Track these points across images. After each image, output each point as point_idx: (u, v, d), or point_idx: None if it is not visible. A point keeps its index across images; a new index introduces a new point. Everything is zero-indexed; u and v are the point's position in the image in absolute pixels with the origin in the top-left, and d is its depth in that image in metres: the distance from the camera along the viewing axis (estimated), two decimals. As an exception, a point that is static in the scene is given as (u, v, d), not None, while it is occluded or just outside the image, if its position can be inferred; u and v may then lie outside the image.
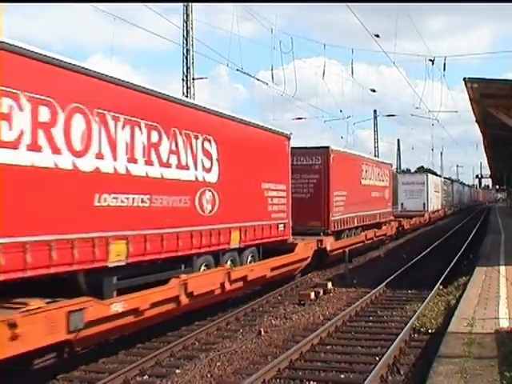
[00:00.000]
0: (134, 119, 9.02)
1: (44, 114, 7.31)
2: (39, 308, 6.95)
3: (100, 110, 8.28)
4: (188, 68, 27.81)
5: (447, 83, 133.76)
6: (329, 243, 17.75)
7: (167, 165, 9.85)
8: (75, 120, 7.83)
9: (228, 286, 11.61)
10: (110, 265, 8.42)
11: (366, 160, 24.12)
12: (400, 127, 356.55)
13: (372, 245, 23.89)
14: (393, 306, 13.11)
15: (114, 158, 8.55)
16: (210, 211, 11.17)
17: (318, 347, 9.69)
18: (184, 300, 10.05)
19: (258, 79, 33.63)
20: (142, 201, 9.12)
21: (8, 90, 6.79)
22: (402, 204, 38.59)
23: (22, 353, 6.66)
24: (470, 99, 15.44)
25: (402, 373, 8.17)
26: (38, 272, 7.18)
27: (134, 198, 8.91)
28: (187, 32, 27.42)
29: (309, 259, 16.28)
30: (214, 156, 11.37)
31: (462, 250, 22.71)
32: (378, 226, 25.01)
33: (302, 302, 13.46)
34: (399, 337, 9.66)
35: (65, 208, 7.59)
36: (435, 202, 43.68)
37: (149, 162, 9.35)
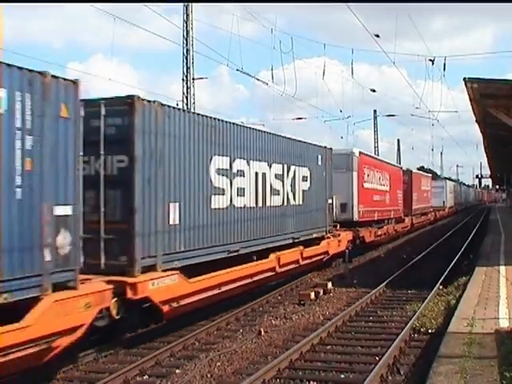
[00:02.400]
0: (377, 170, 25.88)
1: (369, 173, 24.21)
2: (364, 231, 24.49)
3: (372, 168, 24.99)
4: (188, 68, 27.95)
5: (447, 83, 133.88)
6: (414, 220, 35.89)
7: (381, 184, 26.73)
8: (371, 172, 24.68)
9: (394, 232, 29.05)
10: (376, 219, 25.33)
11: (423, 175, 42.53)
12: (400, 127, 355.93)
13: (422, 225, 41.37)
14: (393, 306, 13.13)
15: (375, 184, 25.33)
16: (387, 202, 27.87)
17: (318, 347, 9.73)
18: (393, 233, 28.66)
19: (258, 79, 33.74)
20: (380, 198, 26.17)
21: (366, 166, 23.63)
22: (426, 202, 56.71)
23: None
24: (470, 99, 15.46)
25: (402, 373, 8.23)
26: (369, 219, 23.89)
27: (378, 197, 25.84)
28: (187, 32, 27.51)
29: (408, 227, 33.96)
30: (388, 179, 28.29)
31: (462, 249, 22.73)
32: (426, 214, 42.85)
33: (302, 302, 13.53)
34: (399, 337, 9.71)
35: (371, 200, 24.31)
36: (450, 201, 59.15)
37: (379, 184, 26.22)
